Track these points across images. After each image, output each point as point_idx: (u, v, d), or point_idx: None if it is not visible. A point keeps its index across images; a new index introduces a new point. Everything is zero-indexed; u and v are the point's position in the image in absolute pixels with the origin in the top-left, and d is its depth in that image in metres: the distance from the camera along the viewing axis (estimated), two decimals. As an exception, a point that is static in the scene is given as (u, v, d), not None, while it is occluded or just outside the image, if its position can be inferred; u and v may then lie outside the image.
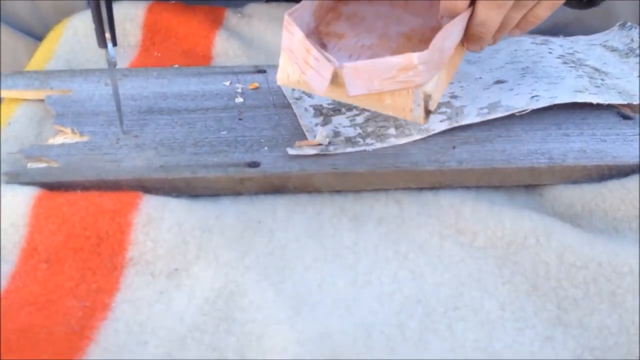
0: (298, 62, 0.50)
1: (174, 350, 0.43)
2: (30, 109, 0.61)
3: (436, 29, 0.51)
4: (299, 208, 0.53)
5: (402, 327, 0.44)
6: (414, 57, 0.47)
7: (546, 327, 0.44)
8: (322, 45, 0.55)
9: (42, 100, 0.61)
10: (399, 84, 0.48)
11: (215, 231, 0.49)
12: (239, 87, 0.63)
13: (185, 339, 0.43)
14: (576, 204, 0.52)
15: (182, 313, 0.45)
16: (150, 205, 0.50)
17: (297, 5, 0.52)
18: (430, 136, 0.57)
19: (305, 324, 0.44)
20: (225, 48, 0.70)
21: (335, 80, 0.49)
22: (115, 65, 0.54)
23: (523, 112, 0.58)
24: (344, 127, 0.58)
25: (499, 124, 0.58)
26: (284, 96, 0.62)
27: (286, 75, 0.52)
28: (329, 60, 0.48)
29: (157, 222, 0.49)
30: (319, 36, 0.55)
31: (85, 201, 0.49)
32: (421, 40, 0.56)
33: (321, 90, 0.49)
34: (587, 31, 0.73)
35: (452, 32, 0.50)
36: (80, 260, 0.47)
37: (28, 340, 0.41)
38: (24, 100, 0.62)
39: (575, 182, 0.55)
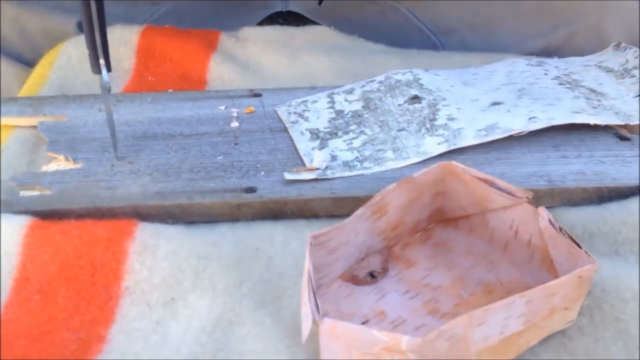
0: (302, 291, 0.43)
1: (171, 383, 0.42)
2: (23, 135, 0.60)
3: (531, 288, 0.42)
4: (297, 234, 0.52)
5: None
6: (403, 341, 0.37)
7: (551, 355, 0.43)
8: (383, 270, 0.48)
9: (35, 127, 0.60)
10: None
11: (211, 258, 0.48)
12: (234, 111, 0.63)
13: (183, 371, 0.42)
14: (577, 227, 0.52)
15: (179, 343, 0.44)
16: (145, 233, 0.49)
17: (330, 228, 0.45)
18: (428, 159, 0.57)
19: (305, 354, 0.43)
20: (220, 72, 0.70)
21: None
22: (109, 90, 0.54)
23: (521, 134, 0.58)
24: (341, 150, 0.58)
25: (497, 147, 0.58)
26: (280, 120, 0.62)
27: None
28: (311, 311, 0.40)
29: (152, 250, 0.48)
30: (387, 257, 0.49)
31: (79, 230, 0.48)
32: (503, 298, 0.43)
33: (303, 336, 0.41)
34: (579, 52, 0.73)
35: (485, 319, 0.39)
36: (74, 290, 0.46)
37: (21, 376, 0.40)
38: (17, 126, 0.61)
39: (575, 204, 0.54)
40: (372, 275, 0.48)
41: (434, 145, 0.58)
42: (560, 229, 0.45)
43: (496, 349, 0.41)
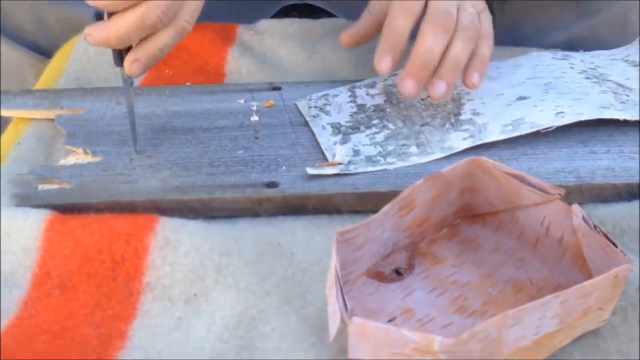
0: (327, 289, 0.42)
1: (194, 381, 0.41)
2: (40, 128, 0.59)
3: (562, 286, 0.42)
4: (319, 230, 0.51)
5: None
6: (435, 342, 0.37)
7: (583, 354, 0.42)
8: (409, 267, 0.47)
9: (52, 120, 0.60)
10: None
11: (234, 254, 0.48)
12: (253, 105, 0.62)
13: (206, 369, 0.41)
14: (607, 224, 0.50)
15: (202, 341, 0.43)
16: (167, 228, 0.48)
17: (357, 224, 0.44)
18: (453, 154, 0.56)
19: (331, 352, 0.42)
20: (238, 65, 0.69)
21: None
22: (132, 84, 0.53)
23: (549, 129, 0.57)
24: (364, 145, 0.57)
25: (524, 142, 0.57)
26: (300, 114, 0.61)
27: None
28: (339, 309, 0.39)
29: (174, 245, 0.47)
30: (412, 254, 0.48)
31: (100, 224, 0.47)
32: (534, 296, 0.44)
33: (331, 334, 0.40)
34: (603, 44, 0.72)
35: (520, 319, 0.38)
36: (95, 285, 0.45)
37: (43, 373, 0.39)
38: (33, 119, 0.60)
39: (605, 200, 0.53)
40: (397, 272, 0.47)
41: (458, 141, 0.56)
42: (595, 227, 0.44)
43: (528, 349, 0.40)
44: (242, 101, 0.62)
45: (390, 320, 0.44)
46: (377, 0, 0.61)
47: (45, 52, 0.73)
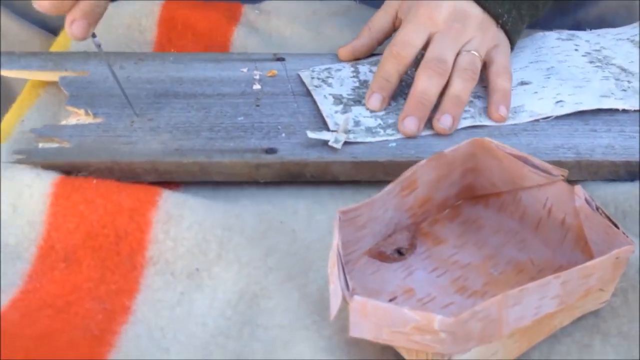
0: (329, 267, 0.42)
1: (197, 358, 0.41)
2: (45, 106, 0.59)
3: (563, 268, 0.43)
4: (321, 207, 0.51)
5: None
6: (435, 321, 0.37)
7: (584, 335, 0.42)
8: (411, 247, 0.47)
9: (55, 97, 0.60)
10: (413, 343, 0.38)
11: (236, 230, 0.48)
12: (256, 74, 0.62)
13: (209, 345, 0.42)
14: (609, 206, 0.51)
15: (204, 317, 0.43)
16: (169, 203, 0.48)
17: (360, 204, 0.44)
18: (461, 129, 0.56)
19: (333, 330, 0.42)
20: (243, 44, 0.68)
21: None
22: (99, 45, 0.54)
23: (548, 119, 0.57)
24: (364, 117, 0.57)
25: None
26: (303, 84, 0.61)
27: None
28: (341, 288, 0.39)
29: (177, 220, 0.47)
30: (414, 234, 0.48)
31: (103, 199, 0.48)
32: (535, 277, 0.45)
33: (332, 313, 0.40)
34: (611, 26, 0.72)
35: (520, 299, 0.38)
36: (99, 259, 0.46)
37: (48, 347, 0.40)
38: (37, 96, 0.60)
39: (604, 179, 0.53)
40: (399, 252, 0.47)
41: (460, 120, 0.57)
42: (597, 208, 0.44)
43: (529, 329, 0.40)
44: (245, 70, 0.62)
45: (391, 300, 0.44)
46: (380, 15, 0.63)
47: (53, 30, 0.72)
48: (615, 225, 0.42)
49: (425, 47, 0.58)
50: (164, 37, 0.70)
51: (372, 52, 0.65)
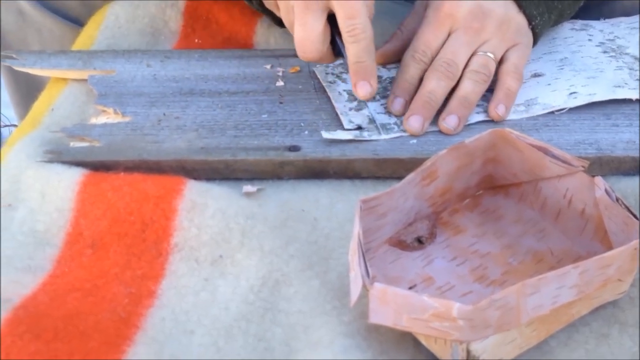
0: (349, 255, 0.43)
1: (220, 340, 0.42)
2: (73, 94, 0.61)
3: (582, 258, 0.43)
4: (342, 196, 0.52)
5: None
6: (454, 308, 0.37)
7: (602, 325, 0.42)
8: (431, 236, 0.48)
9: (84, 85, 0.61)
10: (431, 330, 0.38)
11: (258, 218, 0.49)
12: (279, 71, 0.63)
13: (232, 329, 0.43)
14: (629, 197, 0.51)
15: (227, 302, 0.44)
16: (194, 192, 0.49)
17: (380, 193, 0.45)
18: (474, 123, 0.56)
19: (352, 316, 0.43)
20: (266, 36, 0.69)
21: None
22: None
23: (562, 111, 0.57)
24: (378, 113, 0.57)
25: (546, 113, 0.57)
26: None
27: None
28: (361, 275, 0.40)
29: (201, 208, 0.48)
30: (434, 224, 0.49)
31: (130, 187, 0.49)
32: (554, 267, 0.45)
33: (352, 299, 0.41)
34: (623, 11, 0.71)
35: (539, 288, 0.39)
36: (125, 245, 0.47)
37: (76, 328, 0.41)
38: (67, 85, 0.62)
39: (626, 174, 0.53)
40: (419, 240, 0.48)
41: (472, 114, 0.57)
42: (617, 200, 0.44)
43: (547, 318, 0.41)
44: (268, 66, 0.63)
45: (410, 288, 0.45)
46: (411, 19, 0.62)
47: (77, 21, 0.74)
48: (635, 217, 0.43)
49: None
50: (188, 27, 0.71)
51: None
